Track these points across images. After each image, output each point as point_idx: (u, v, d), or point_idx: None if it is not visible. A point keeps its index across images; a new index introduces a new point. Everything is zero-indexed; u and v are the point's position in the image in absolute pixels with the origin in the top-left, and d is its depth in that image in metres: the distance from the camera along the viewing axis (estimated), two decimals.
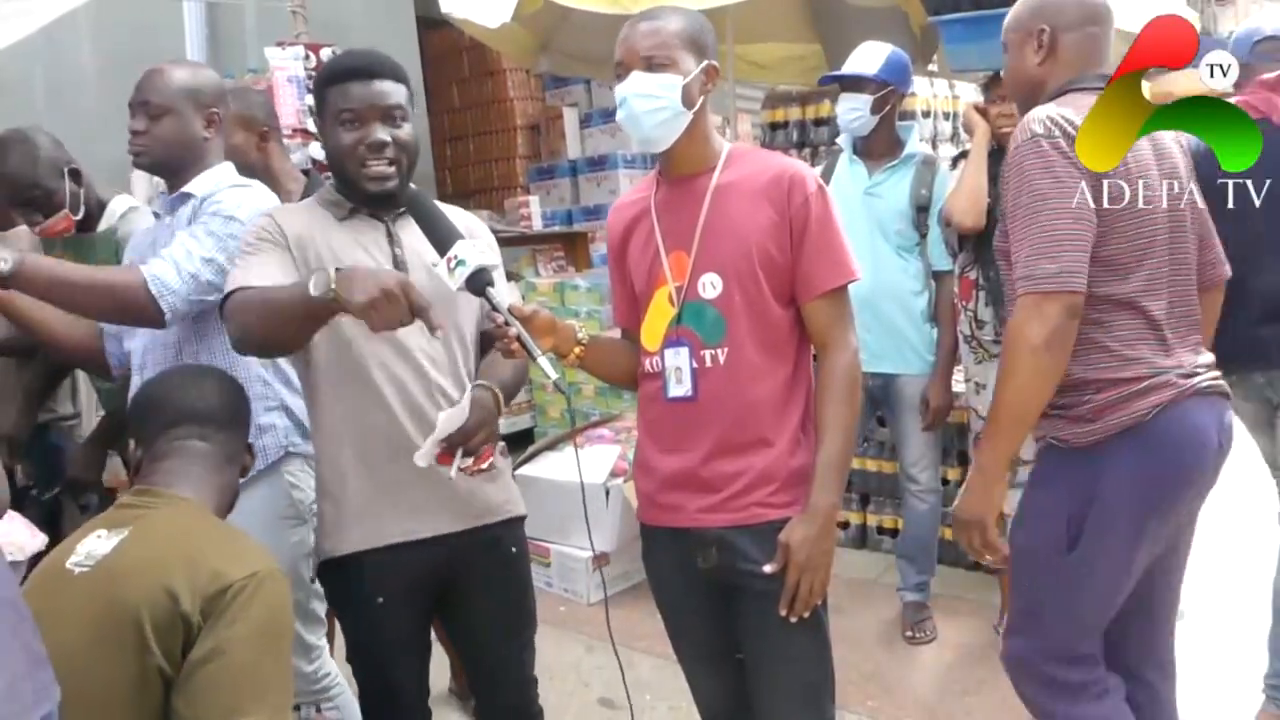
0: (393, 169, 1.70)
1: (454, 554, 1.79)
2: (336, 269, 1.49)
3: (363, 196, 1.74)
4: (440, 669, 2.00)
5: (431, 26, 5.48)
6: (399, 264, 1.76)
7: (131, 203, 2.50)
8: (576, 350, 1.71)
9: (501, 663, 1.93)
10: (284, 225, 1.74)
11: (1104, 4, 1.80)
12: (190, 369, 1.75)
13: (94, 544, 1.40)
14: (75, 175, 2.37)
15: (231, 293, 1.63)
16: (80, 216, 2.38)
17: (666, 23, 1.63)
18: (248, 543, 1.46)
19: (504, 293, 1.70)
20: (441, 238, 1.60)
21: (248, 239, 1.74)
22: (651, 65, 1.61)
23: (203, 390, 1.61)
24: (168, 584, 1.30)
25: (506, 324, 1.55)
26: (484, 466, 1.72)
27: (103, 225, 2.45)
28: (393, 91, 1.72)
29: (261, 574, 1.36)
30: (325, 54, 4.56)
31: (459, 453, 1.68)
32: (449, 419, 1.65)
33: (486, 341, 1.92)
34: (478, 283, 1.56)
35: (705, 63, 1.64)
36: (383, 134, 1.69)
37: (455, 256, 1.56)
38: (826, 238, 1.64)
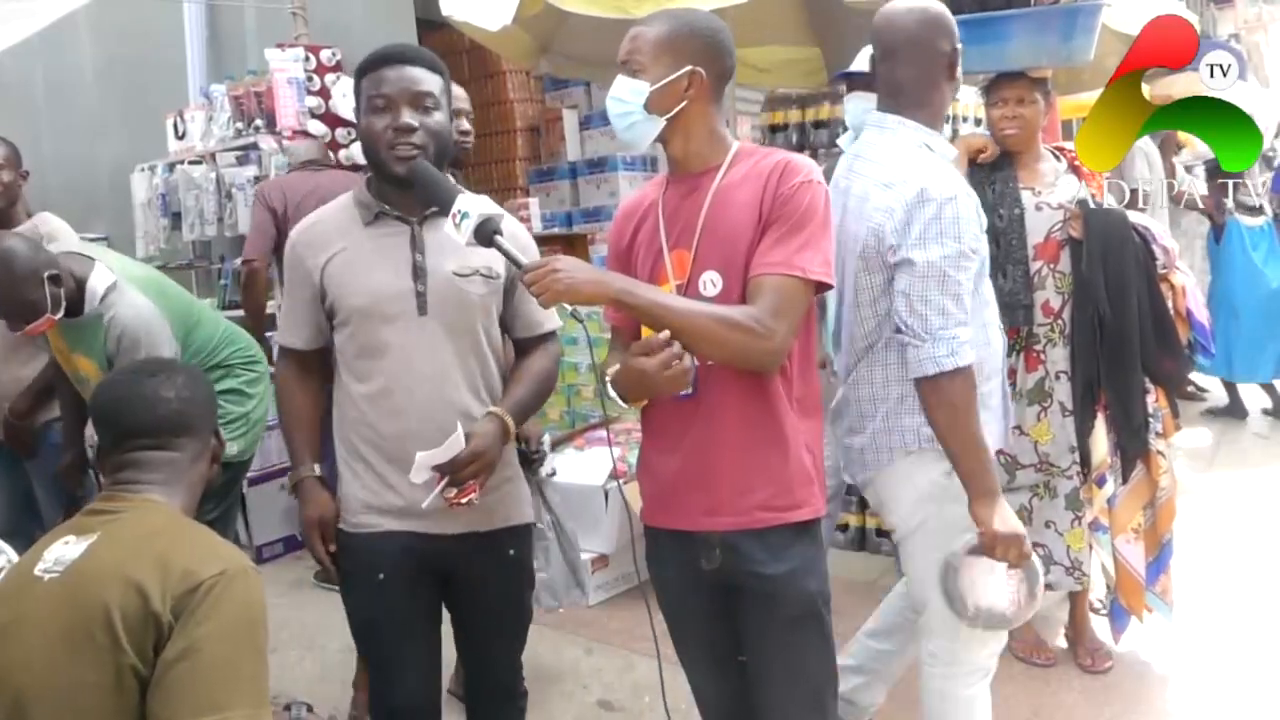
0: (418, 152, 1.73)
1: (453, 552, 1.83)
2: (298, 481, 1.84)
3: (390, 179, 1.77)
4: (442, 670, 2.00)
5: (431, 28, 5.47)
6: (418, 270, 1.78)
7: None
8: None
9: (487, 656, 1.99)
10: (303, 253, 1.83)
11: None
12: (144, 368, 1.68)
13: (62, 550, 1.39)
14: (55, 280, 2.32)
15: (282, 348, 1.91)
16: (60, 315, 2.35)
17: (650, 28, 1.65)
18: (217, 541, 1.45)
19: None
20: (444, 198, 1.63)
21: (285, 273, 1.89)
22: (629, 70, 1.64)
23: (150, 400, 1.54)
24: (138, 583, 1.30)
25: (521, 269, 1.55)
26: (463, 501, 1.73)
27: (87, 307, 2.40)
28: (424, 79, 1.77)
29: (231, 571, 1.35)
30: (325, 56, 4.56)
31: (444, 481, 1.70)
32: (442, 450, 1.68)
33: (519, 350, 1.93)
34: (485, 233, 1.57)
35: (687, 69, 1.62)
36: (410, 118, 1.73)
37: (459, 211, 1.58)
38: (801, 228, 1.58)
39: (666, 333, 1.53)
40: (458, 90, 2.54)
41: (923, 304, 1.76)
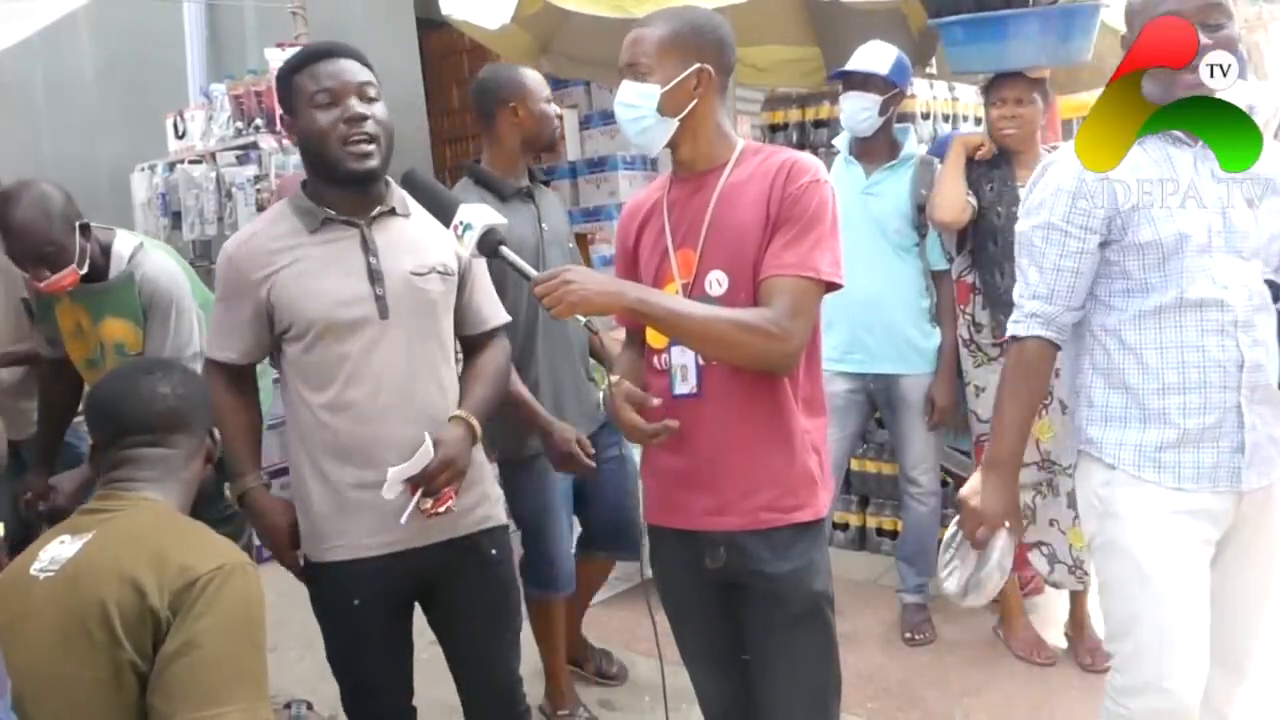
0: (373, 146, 1.68)
1: (429, 562, 1.79)
2: (244, 493, 1.80)
3: (346, 178, 1.71)
4: (441, 672, 2.00)
5: (431, 28, 5.47)
6: (374, 275, 1.73)
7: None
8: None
9: (484, 663, 1.94)
10: (243, 267, 1.74)
11: None
12: (141, 366, 1.70)
13: (58, 549, 1.39)
14: (85, 230, 2.34)
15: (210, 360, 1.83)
16: (85, 271, 2.36)
17: (654, 29, 1.63)
18: (214, 537, 1.45)
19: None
20: (444, 208, 1.59)
21: (218, 286, 1.79)
22: (636, 74, 1.62)
23: (146, 397, 1.56)
24: (134, 579, 1.30)
25: (531, 280, 1.53)
26: (440, 510, 1.70)
27: (114, 270, 2.42)
28: (361, 70, 1.71)
29: (229, 566, 1.35)
30: None
31: (419, 492, 1.68)
32: (413, 462, 1.65)
33: (469, 347, 1.91)
34: (489, 244, 1.55)
35: (695, 67, 1.62)
36: (360, 108, 1.67)
37: (461, 223, 1.55)
38: (811, 228, 1.58)
39: (657, 402, 1.58)
40: (539, 76, 2.54)
41: (1017, 269, 1.79)
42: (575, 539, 2.80)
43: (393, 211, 1.79)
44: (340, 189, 1.73)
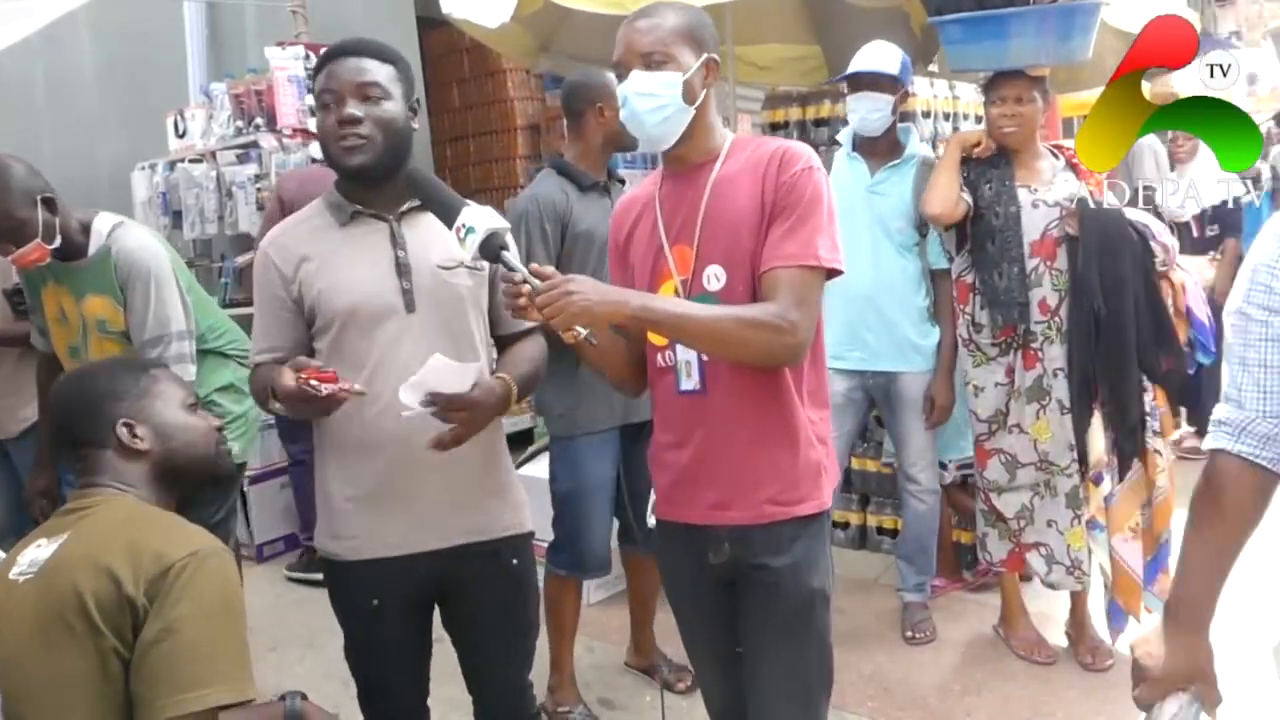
0: (365, 143, 1.69)
1: (450, 565, 1.79)
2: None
3: (343, 174, 1.75)
4: (450, 669, 1.99)
5: (432, 27, 5.48)
6: (401, 268, 1.74)
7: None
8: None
9: (493, 672, 1.93)
10: (279, 260, 1.76)
11: None
12: (66, 380, 1.70)
13: (35, 552, 1.40)
14: (49, 204, 2.32)
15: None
16: (55, 245, 2.34)
17: (664, 19, 1.63)
18: (187, 526, 1.45)
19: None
20: (446, 210, 1.58)
21: (256, 286, 1.80)
22: (650, 63, 1.61)
23: (56, 415, 1.61)
24: (109, 569, 1.31)
25: (523, 283, 1.49)
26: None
27: (93, 247, 2.41)
28: (371, 69, 1.72)
29: (203, 552, 1.35)
30: None
31: (429, 409, 1.60)
32: (455, 373, 1.59)
33: (504, 343, 1.91)
34: (491, 248, 1.53)
35: (705, 56, 1.63)
36: (355, 109, 1.68)
37: (464, 225, 1.53)
38: (809, 216, 1.57)
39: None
40: None
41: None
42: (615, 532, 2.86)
43: (422, 206, 1.78)
44: (354, 183, 1.75)
